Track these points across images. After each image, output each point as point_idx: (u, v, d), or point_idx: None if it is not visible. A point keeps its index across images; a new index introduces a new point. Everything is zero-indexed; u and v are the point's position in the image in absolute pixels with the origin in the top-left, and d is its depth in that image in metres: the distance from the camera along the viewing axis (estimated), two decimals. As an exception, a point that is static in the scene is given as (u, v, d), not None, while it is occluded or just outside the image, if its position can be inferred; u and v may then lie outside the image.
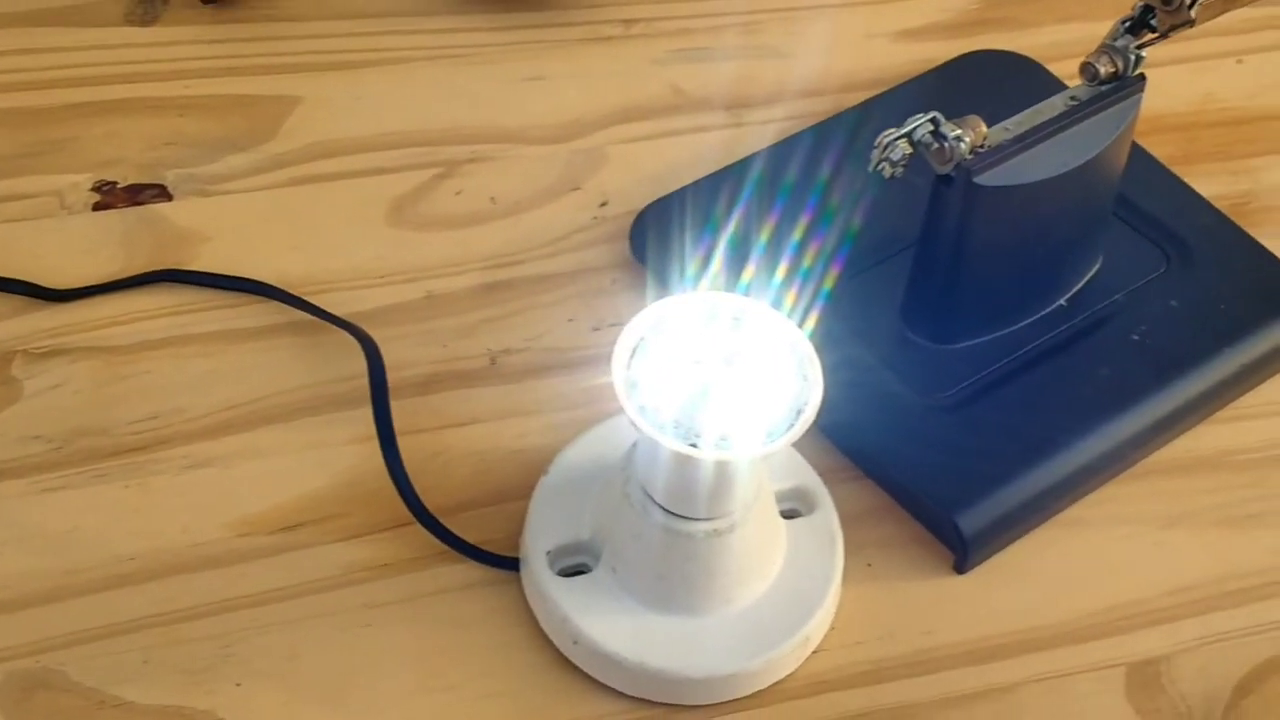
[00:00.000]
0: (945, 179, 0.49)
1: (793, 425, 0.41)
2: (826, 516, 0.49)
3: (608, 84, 0.62)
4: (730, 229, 0.56)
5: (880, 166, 0.48)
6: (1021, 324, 0.54)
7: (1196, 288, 0.55)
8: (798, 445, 0.50)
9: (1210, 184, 0.60)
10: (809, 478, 0.49)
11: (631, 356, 0.43)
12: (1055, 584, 0.49)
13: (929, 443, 0.51)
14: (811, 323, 0.47)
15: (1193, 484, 0.52)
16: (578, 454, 0.49)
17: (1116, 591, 0.49)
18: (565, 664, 0.47)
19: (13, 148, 0.58)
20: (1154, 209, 0.57)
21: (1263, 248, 0.57)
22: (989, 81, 0.61)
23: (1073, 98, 0.51)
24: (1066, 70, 0.63)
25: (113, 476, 0.50)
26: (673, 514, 0.44)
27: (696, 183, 0.57)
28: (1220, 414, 0.54)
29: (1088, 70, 0.51)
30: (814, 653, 0.47)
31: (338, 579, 0.49)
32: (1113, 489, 0.52)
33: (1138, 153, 0.59)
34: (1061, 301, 0.54)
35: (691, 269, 0.54)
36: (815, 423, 0.51)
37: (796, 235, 0.55)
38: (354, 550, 0.49)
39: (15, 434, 0.51)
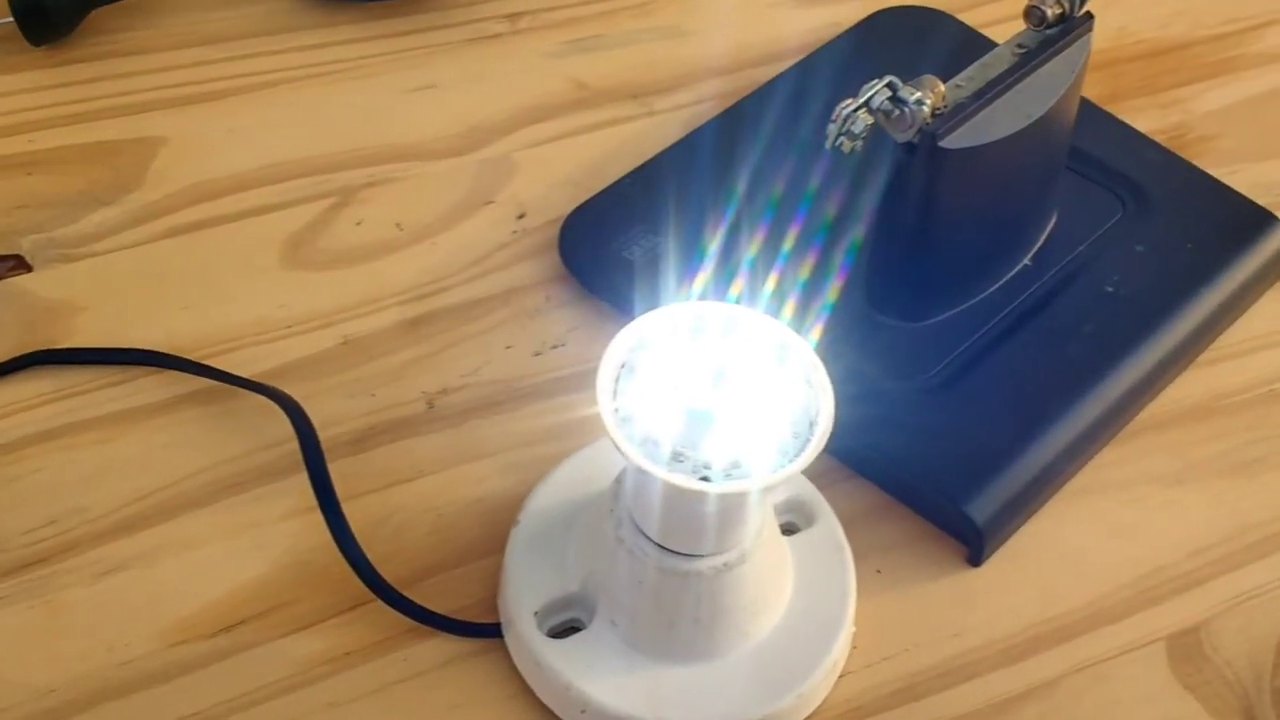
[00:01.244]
0: (908, 147, 0.45)
1: (809, 440, 0.37)
2: (829, 527, 0.44)
3: (504, 85, 0.57)
4: (668, 225, 0.51)
5: (839, 142, 0.44)
6: (991, 290, 0.50)
7: (1159, 229, 0.52)
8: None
9: (1143, 120, 0.58)
10: (803, 486, 0.45)
11: (615, 384, 0.38)
12: (1075, 562, 0.46)
13: (920, 430, 0.47)
14: (789, 312, 0.43)
15: (1190, 434, 0.49)
16: (549, 495, 0.44)
17: (1138, 560, 0.46)
18: (574, 735, 0.42)
19: None
20: (1099, 152, 0.54)
21: (1214, 179, 0.55)
22: (906, 39, 0.58)
23: (1020, 45, 0.48)
24: (978, 19, 0.60)
25: (15, 598, 0.43)
26: (676, 553, 0.40)
27: (622, 180, 0.53)
28: (1202, 357, 0.51)
29: (1034, 14, 0.47)
30: (840, 677, 0.43)
31: (295, 678, 0.43)
32: (1111, 452, 0.49)
33: (1073, 96, 0.57)
34: (1026, 261, 0.51)
35: (633, 274, 0.49)
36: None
37: (740, 224, 0.51)
38: (309, 642, 0.43)
39: (-112, 566, 0.44)
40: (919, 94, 0.44)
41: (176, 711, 0.42)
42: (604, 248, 0.51)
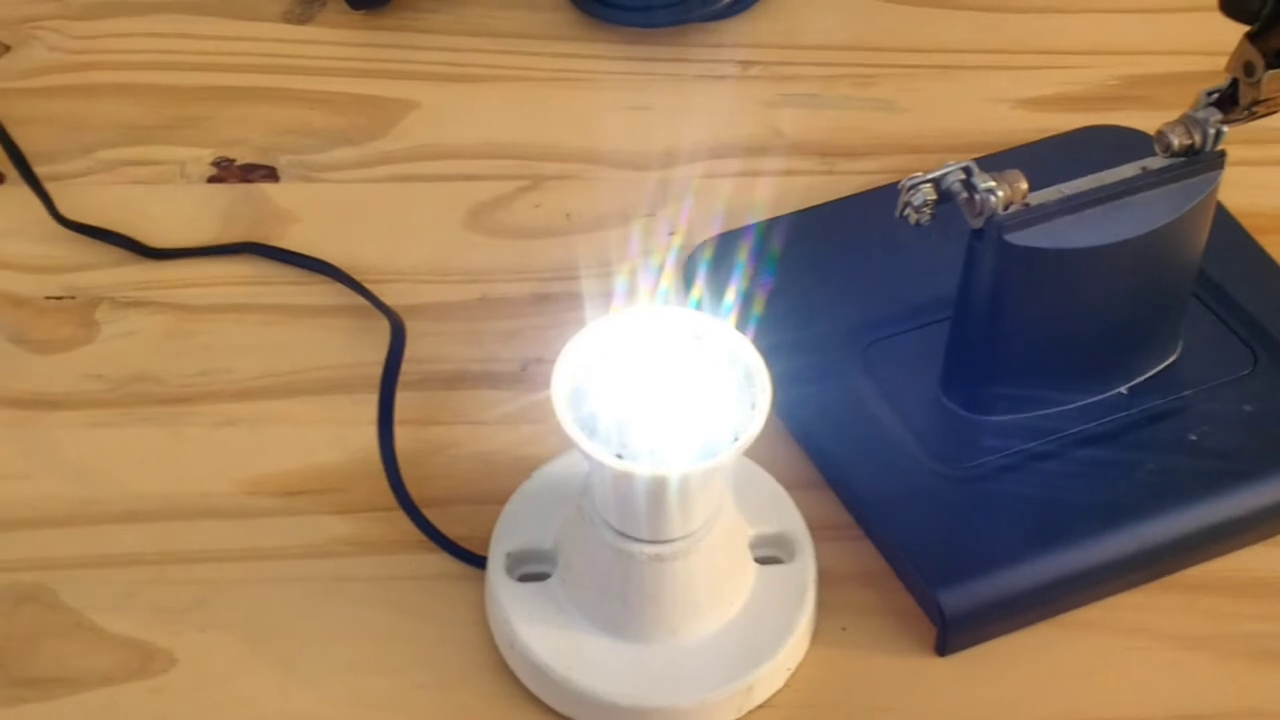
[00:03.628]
0: (978, 234, 0.46)
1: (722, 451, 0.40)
2: (802, 567, 0.46)
3: (709, 120, 0.62)
4: (785, 272, 0.54)
5: (905, 212, 0.46)
6: (1070, 406, 0.50)
7: (1277, 393, 0.49)
8: (796, 494, 0.49)
9: (1341, 294, 0.54)
10: (795, 525, 0.47)
11: (582, 368, 0.42)
12: (1044, 685, 0.45)
13: (934, 512, 0.48)
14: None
15: (1232, 606, 0.47)
16: (564, 465, 0.49)
17: (1111, 705, 0.45)
18: (505, 670, 0.46)
19: (153, 119, 0.63)
20: (1252, 306, 0.52)
21: (1370, 365, 0.51)
22: (1100, 157, 0.57)
23: (1145, 166, 0.47)
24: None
25: (154, 422, 0.54)
26: (618, 532, 0.43)
27: (765, 222, 0.57)
28: (1286, 538, 0.48)
29: (1161, 140, 0.47)
30: (760, 706, 0.45)
31: (320, 548, 0.50)
32: (1140, 596, 0.47)
33: (1248, 246, 0.54)
34: (1121, 389, 0.50)
35: (724, 306, 0.53)
36: (825, 474, 0.50)
37: (844, 286, 0.53)
38: (343, 524, 0.50)
39: (81, 371, 0.55)
40: (992, 184, 0.45)
41: (225, 544, 0.50)
42: (722, 275, 0.55)
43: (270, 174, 0.62)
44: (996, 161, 0.57)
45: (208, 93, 0.64)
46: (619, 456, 0.41)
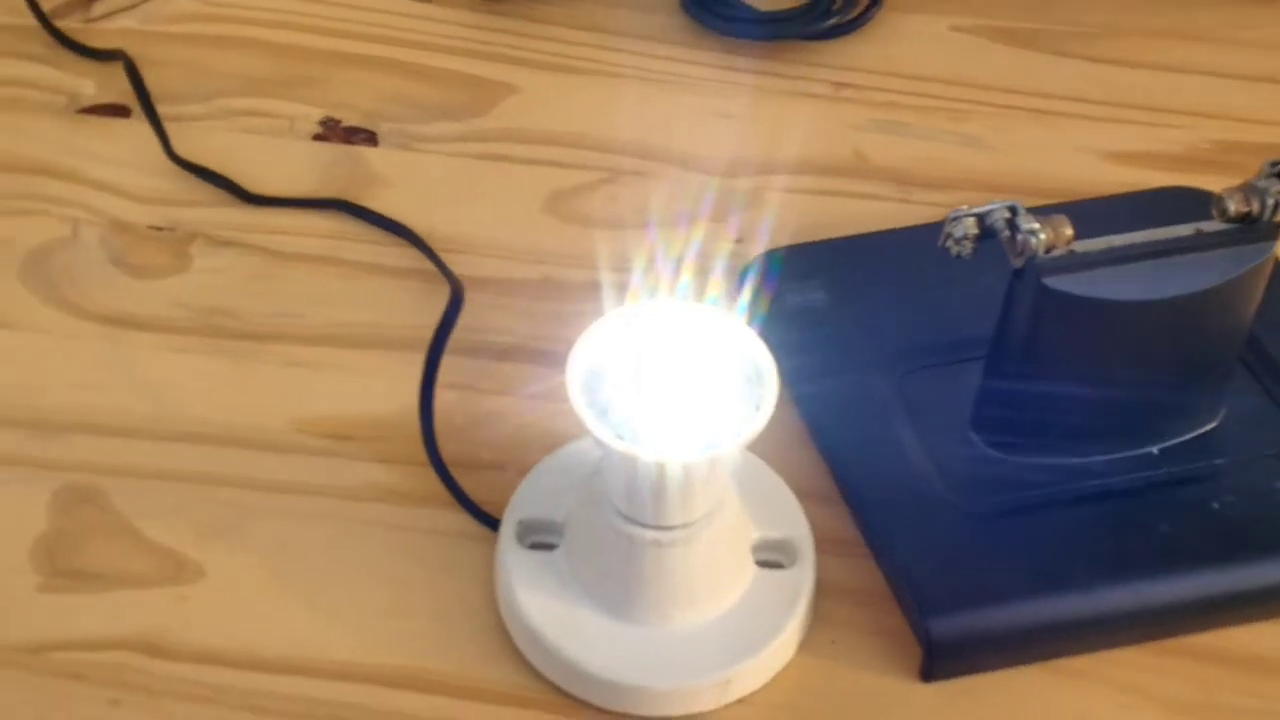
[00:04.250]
0: (1018, 274, 0.47)
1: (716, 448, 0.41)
2: (801, 575, 0.47)
3: (793, 135, 0.64)
4: (838, 292, 0.55)
5: (947, 243, 0.47)
6: (1096, 458, 0.50)
7: (1309, 475, 0.49)
8: (810, 506, 0.50)
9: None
10: (800, 533, 0.48)
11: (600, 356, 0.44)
12: (1020, 726, 0.46)
13: (940, 539, 0.48)
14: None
15: (1228, 679, 0.46)
16: (588, 445, 0.50)
17: (1083, 756, 0.45)
18: (503, 631, 0.48)
19: (273, 74, 0.67)
20: (1307, 387, 0.51)
21: None
22: (1174, 218, 0.57)
23: (1200, 228, 0.47)
24: None
25: (226, 354, 0.57)
26: (623, 515, 0.45)
27: (824, 241, 0.58)
28: (1300, 619, 0.48)
29: (1218, 204, 0.47)
30: (738, 701, 0.46)
31: (354, 491, 0.53)
32: (1136, 654, 0.47)
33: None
34: (1152, 449, 0.50)
35: (784, 315, 0.54)
36: (841, 486, 0.51)
37: (893, 312, 0.54)
38: (378, 472, 0.53)
39: (168, 299, 0.59)
40: (1035, 226, 0.46)
41: (269, 475, 0.53)
42: (776, 286, 0.56)
43: (370, 138, 0.65)
44: (1066, 209, 0.58)
45: (326, 56, 0.68)
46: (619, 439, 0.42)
